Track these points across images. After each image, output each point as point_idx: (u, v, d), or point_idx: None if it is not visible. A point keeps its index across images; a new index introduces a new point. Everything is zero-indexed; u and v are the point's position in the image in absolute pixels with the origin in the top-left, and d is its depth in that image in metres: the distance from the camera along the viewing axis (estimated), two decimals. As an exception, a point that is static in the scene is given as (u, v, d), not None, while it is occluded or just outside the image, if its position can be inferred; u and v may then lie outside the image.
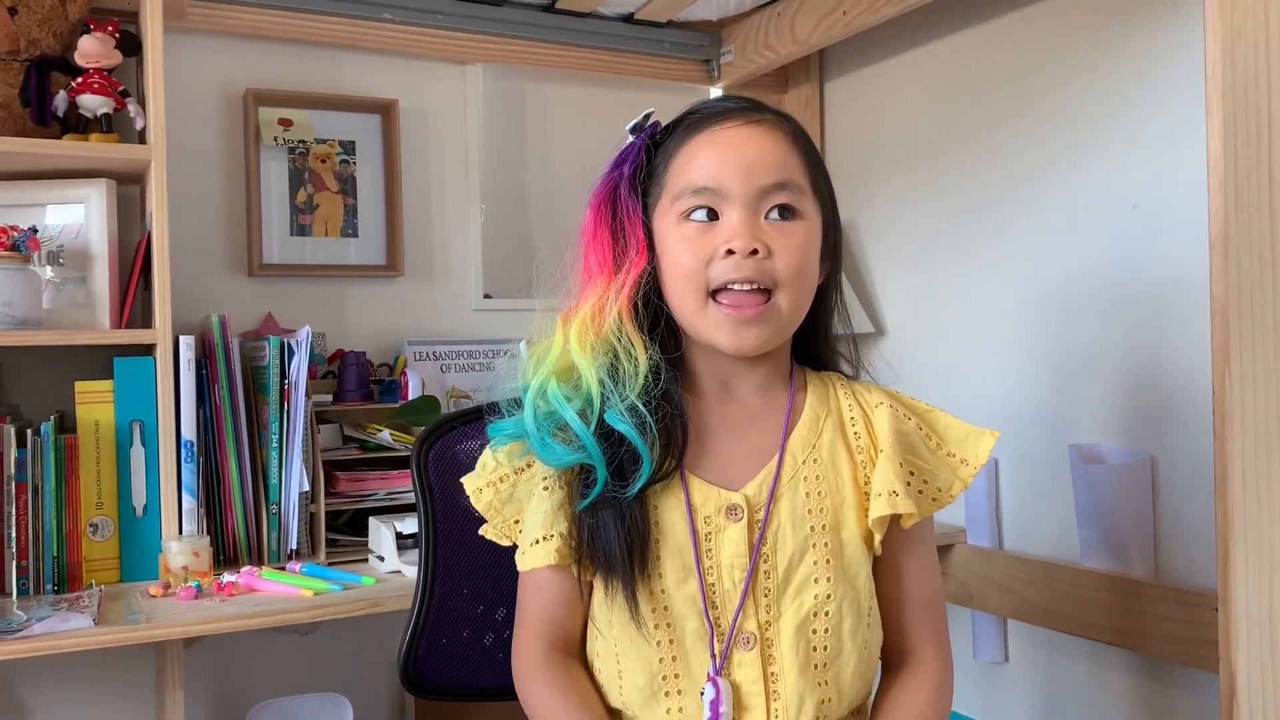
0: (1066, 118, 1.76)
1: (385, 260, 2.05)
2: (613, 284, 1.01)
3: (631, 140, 1.07)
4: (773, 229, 1.00)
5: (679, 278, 1.01)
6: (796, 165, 1.02)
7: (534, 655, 1.04)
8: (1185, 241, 1.57)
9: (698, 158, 1.01)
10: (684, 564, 1.00)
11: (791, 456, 1.03)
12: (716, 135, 1.01)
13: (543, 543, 1.01)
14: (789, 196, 1.00)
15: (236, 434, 1.71)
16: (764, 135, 1.01)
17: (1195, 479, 1.58)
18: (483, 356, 2.09)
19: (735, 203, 0.99)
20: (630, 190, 1.04)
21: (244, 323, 1.92)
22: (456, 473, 1.19)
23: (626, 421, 0.97)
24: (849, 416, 1.07)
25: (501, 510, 1.05)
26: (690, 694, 0.99)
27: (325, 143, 2.00)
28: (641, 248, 1.02)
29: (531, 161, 2.22)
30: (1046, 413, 1.80)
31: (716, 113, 1.03)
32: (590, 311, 1.01)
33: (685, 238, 1.01)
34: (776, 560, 1.00)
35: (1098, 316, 1.72)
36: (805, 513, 1.01)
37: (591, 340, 1.00)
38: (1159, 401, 1.64)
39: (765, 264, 0.99)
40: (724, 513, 1.01)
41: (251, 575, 1.57)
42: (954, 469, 1.06)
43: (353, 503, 1.80)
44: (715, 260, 0.99)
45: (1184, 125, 1.57)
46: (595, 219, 1.04)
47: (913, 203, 2.06)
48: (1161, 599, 1.58)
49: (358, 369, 1.89)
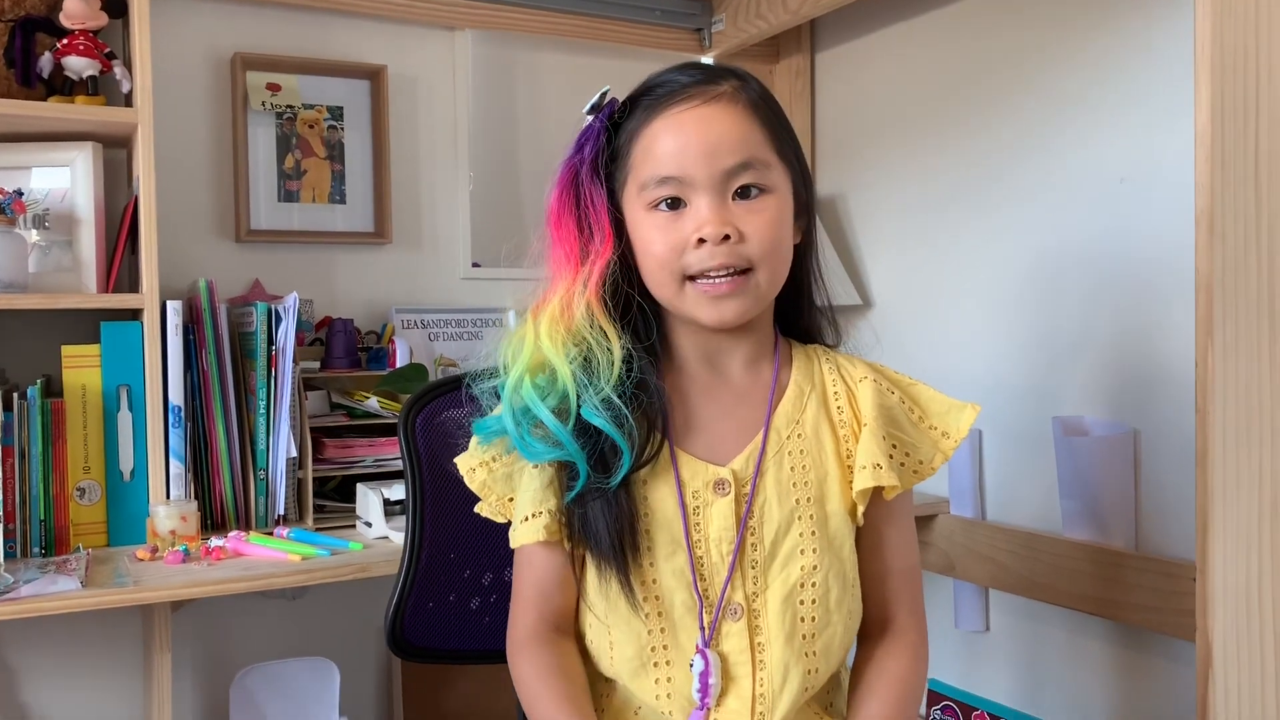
0: (1056, 91, 1.76)
1: (373, 227, 2.04)
2: (580, 274, 1.00)
3: (590, 121, 1.05)
4: (741, 209, 0.99)
5: (653, 266, 1.01)
6: (759, 138, 1.01)
7: (523, 629, 1.05)
8: (1173, 216, 1.57)
9: (659, 143, 1.00)
10: (673, 538, 1.01)
11: (776, 432, 1.04)
12: (675, 118, 0.99)
13: (532, 519, 1.02)
14: (754, 175, 0.99)
15: (224, 400, 1.71)
16: (723, 113, 0.99)
17: (1176, 452, 1.59)
18: (471, 325, 2.09)
19: (701, 189, 0.99)
20: (592, 175, 1.02)
21: (231, 289, 1.92)
22: (444, 438, 1.20)
23: (603, 416, 0.97)
24: (833, 391, 1.08)
25: (495, 489, 1.06)
26: (678, 664, 1.00)
27: (313, 108, 1.99)
28: (607, 236, 1.01)
29: (521, 129, 2.21)
30: (1031, 385, 1.81)
31: (674, 91, 1.01)
32: (559, 305, 1.01)
33: (656, 226, 1.00)
34: (763, 533, 1.01)
35: (1084, 290, 1.73)
36: (790, 486, 1.03)
37: (562, 334, 1.00)
38: (1142, 375, 1.65)
39: (738, 247, 0.99)
40: (712, 487, 1.02)
41: (239, 540, 1.58)
42: (935, 442, 1.07)
43: (340, 469, 1.81)
44: (688, 249, 0.99)
45: (1173, 100, 1.57)
46: (559, 205, 1.03)
47: (902, 175, 2.07)
48: (1141, 569, 1.60)
49: (345, 336, 1.89)
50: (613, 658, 1.03)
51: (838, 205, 2.20)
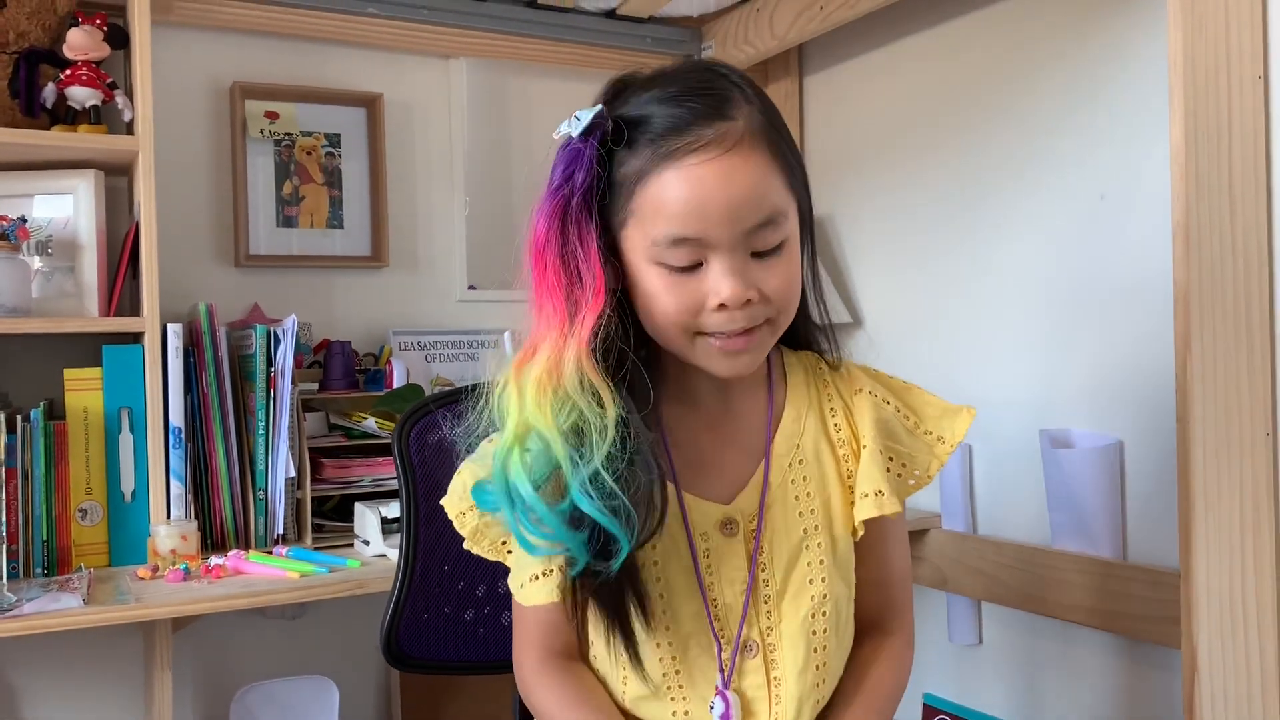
0: (1038, 110, 1.80)
1: (370, 251, 2.08)
2: (569, 330, 0.90)
3: (578, 146, 0.92)
4: (759, 267, 0.92)
5: (662, 322, 0.94)
6: (778, 183, 0.93)
7: (533, 662, 1.03)
8: (1152, 231, 1.60)
9: (673, 198, 0.89)
10: (687, 584, 0.99)
11: (778, 460, 1.02)
12: (692, 174, 0.89)
13: (543, 579, 0.97)
14: (775, 232, 0.92)
15: (224, 421, 1.74)
16: (743, 163, 0.90)
17: (1161, 462, 1.61)
18: (467, 346, 2.12)
19: (721, 250, 0.91)
20: (583, 209, 0.91)
21: (231, 313, 1.94)
22: (438, 453, 1.22)
23: (595, 504, 0.88)
24: (829, 408, 1.06)
25: (488, 533, 1.03)
26: (694, 699, 0.99)
27: (311, 135, 2.03)
28: (599, 285, 0.90)
29: (515, 154, 2.24)
30: (1020, 399, 1.84)
31: (685, 137, 0.90)
32: (546, 366, 0.91)
33: (668, 287, 0.92)
34: (774, 569, 1.00)
35: (1068, 304, 1.76)
36: (796, 516, 1.01)
37: (550, 398, 0.90)
38: (1127, 387, 1.68)
39: (759, 308, 0.93)
40: (719, 528, 1.00)
41: (239, 558, 1.60)
42: (931, 448, 1.06)
43: (338, 489, 1.83)
44: (705, 311, 0.92)
45: (1151, 118, 1.61)
46: (544, 243, 0.91)
47: (890, 195, 2.10)
48: (1131, 579, 1.62)
49: (343, 358, 1.92)
50: (624, 692, 1.01)
51: (827, 225, 2.24)
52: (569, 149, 0.93)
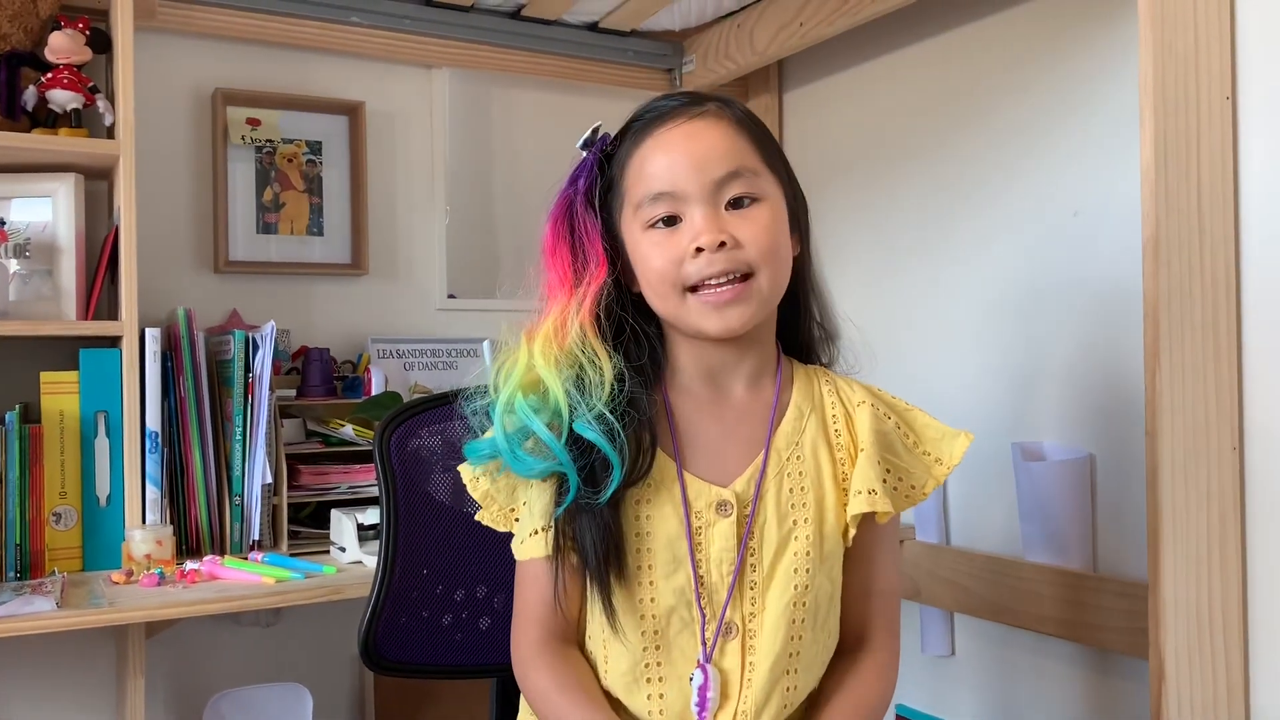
0: (1013, 127, 1.83)
1: (350, 259, 2.08)
2: (574, 298, 1.03)
3: (584, 155, 1.08)
4: (735, 218, 1.01)
5: (654, 280, 1.03)
6: (746, 148, 1.03)
7: (532, 642, 1.05)
8: (1123, 247, 1.63)
9: (649, 163, 1.03)
10: (675, 556, 1.02)
11: (776, 453, 1.06)
12: (663, 137, 1.03)
13: (541, 533, 1.03)
14: (744, 184, 1.02)
15: (201, 426, 1.73)
16: (708, 127, 1.03)
17: (1131, 475, 1.64)
18: (445, 355, 2.12)
19: (694, 201, 1.01)
20: (586, 205, 1.05)
21: (209, 318, 1.94)
22: (418, 457, 1.23)
23: (595, 430, 0.99)
24: (831, 414, 1.09)
25: (498, 499, 1.06)
26: (670, 681, 1.02)
27: (292, 142, 2.03)
28: (601, 261, 1.03)
29: (496, 164, 2.26)
30: (993, 412, 1.86)
31: (659, 114, 1.04)
32: (553, 326, 1.03)
33: (654, 243, 1.03)
34: (762, 554, 1.03)
35: (1041, 319, 1.78)
36: (789, 507, 1.04)
37: (555, 354, 1.02)
38: (1098, 400, 1.70)
39: (736, 253, 1.00)
40: (714, 508, 1.03)
41: (214, 563, 1.60)
42: (928, 468, 1.09)
43: (315, 495, 1.83)
44: (687, 259, 1.01)
45: (1123, 137, 1.64)
46: (553, 236, 1.05)
47: (867, 208, 2.13)
48: (1101, 590, 1.64)
49: (321, 365, 1.92)
50: (607, 671, 1.04)
51: (805, 239, 2.25)
52: (577, 159, 1.08)
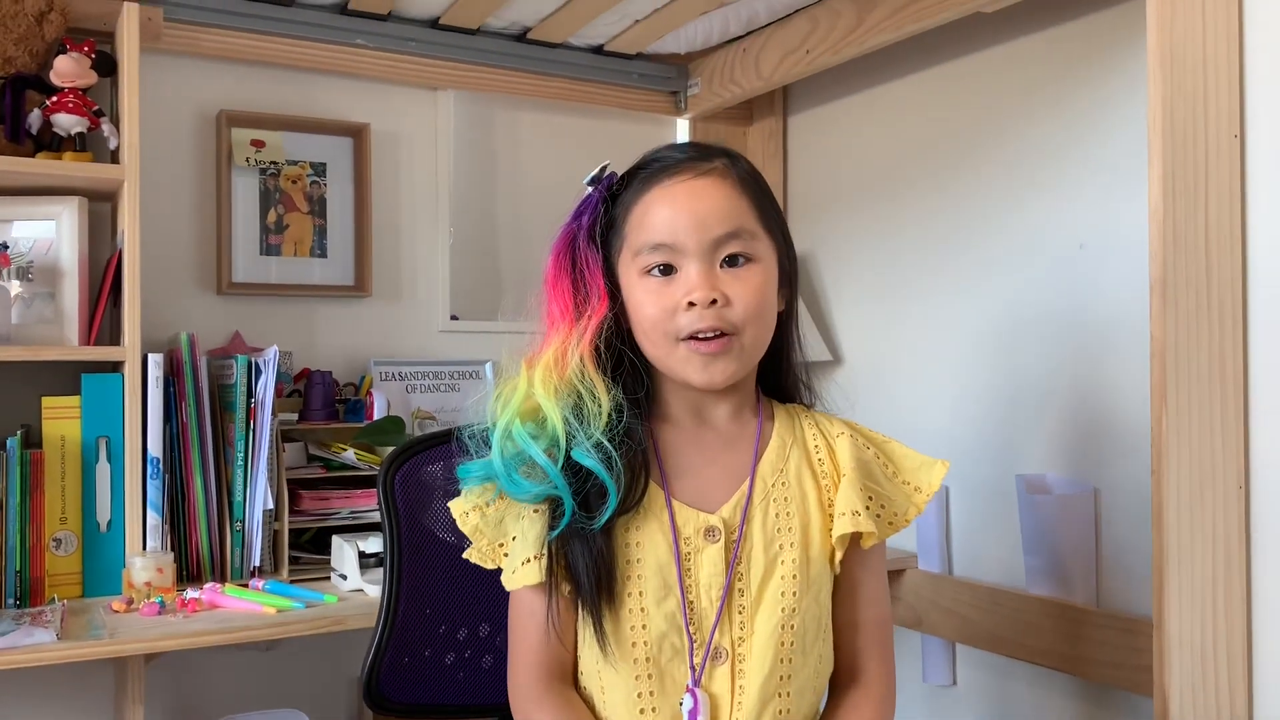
0: (1020, 158, 1.83)
1: (353, 281, 2.07)
2: (574, 330, 1.07)
3: (589, 192, 1.11)
4: (728, 276, 1.06)
5: (646, 326, 1.07)
6: (746, 210, 1.07)
7: (532, 685, 1.07)
8: (1130, 281, 1.63)
9: (652, 214, 1.07)
10: (665, 582, 1.04)
11: (761, 480, 1.09)
12: (669, 190, 1.07)
13: (534, 561, 1.05)
14: (741, 245, 1.06)
15: (202, 451, 1.73)
16: (713, 187, 1.06)
17: (1135, 510, 1.64)
18: (448, 378, 2.12)
19: (691, 255, 1.05)
20: (589, 241, 1.09)
21: (212, 341, 1.94)
22: (423, 494, 1.23)
23: (592, 457, 1.02)
24: (813, 445, 1.13)
25: (489, 533, 1.08)
26: (664, 710, 1.03)
27: (297, 164, 2.03)
28: (602, 296, 1.07)
29: (500, 187, 2.25)
30: (996, 443, 1.86)
31: (666, 166, 1.08)
32: (553, 356, 1.06)
33: (649, 291, 1.07)
34: (750, 579, 1.05)
35: (1046, 351, 1.78)
36: (775, 531, 1.07)
37: (555, 383, 1.05)
38: (1102, 434, 1.70)
39: (725, 311, 1.05)
40: (702, 534, 1.06)
41: (215, 592, 1.59)
42: (908, 496, 1.13)
43: (316, 521, 1.82)
44: (679, 311, 1.05)
45: (1130, 171, 1.64)
46: (556, 268, 1.09)
47: (871, 235, 2.12)
48: (1103, 625, 1.63)
49: (323, 388, 1.91)
50: (604, 702, 1.05)
51: (808, 263, 2.25)
52: (583, 195, 1.12)
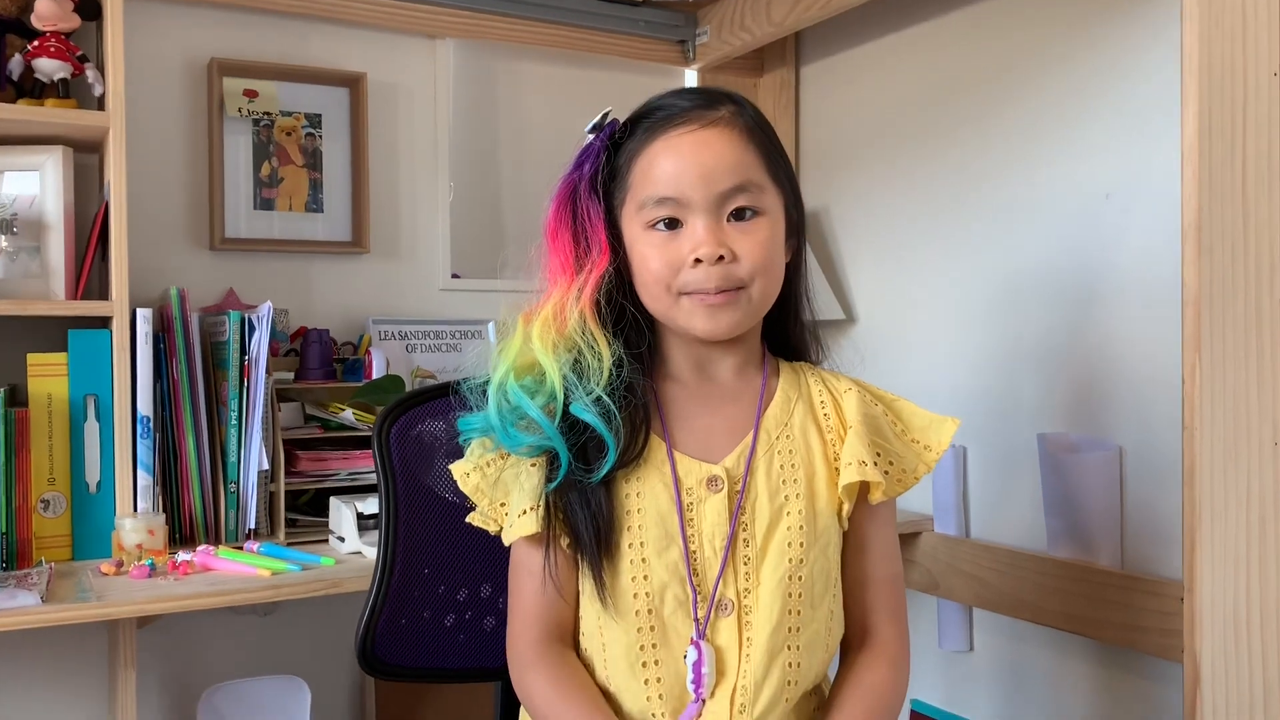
0: (1043, 105, 1.75)
1: (351, 237, 2.01)
2: (574, 284, 1.03)
3: (590, 140, 1.07)
4: (735, 230, 1.02)
5: (649, 280, 1.04)
6: (753, 161, 1.03)
7: (529, 643, 1.04)
8: (1159, 232, 1.56)
9: (657, 165, 1.03)
10: (667, 532, 1.01)
11: (766, 432, 1.06)
12: (674, 141, 1.02)
13: (530, 512, 1.02)
14: (748, 198, 1.02)
15: (194, 410, 1.67)
16: (719, 137, 1.02)
17: (1162, 470, 1.58)
18: (449, 337, 2.06)
19: (697, 210, 1.01)
20: (590, 191, 1.05)
21: (205, 298, 1.88)
22: (419, 450, 1.17)
23: (591, 411, 0.99)
24: (819, 400, 1.10)
25: (489, 493, 1.05)
26: (667, 664, 1.00)
27: (291, 115, 1.96)
28: (604, 249, 1.04)
29: (502, 139, 2.19)
30: (1016, 400, 1.80)
31: (672, 115, 1.04)
32: (552, 310, 1.03)
33: (653, 245, 1.03)
34: (755, 529, 1.03)
35: (1069, 306, 1.72)
36: (780, 483, 1.04)
37: (554, 338, 1.02)
38: (1128, 391, 1.64)
39: (731, 267, 1.01)
40: (705, 484, 1.03)
41: (207, 554, 1.54)
42: (918, 454, 1.10)
43: (313, 482, 1.77)
44: (684, 268, 1.01)
45: (1160, 116, 1.57)
46: (556, 220, 1.05)
47: (887, 190, 2.05)
48: (1128, 589, 1.58)
49: (320, 347, 1.85)
50: (605, 659, 1.03)
51: (821, 218, 2.19)
52: (584, 144, 1.07)
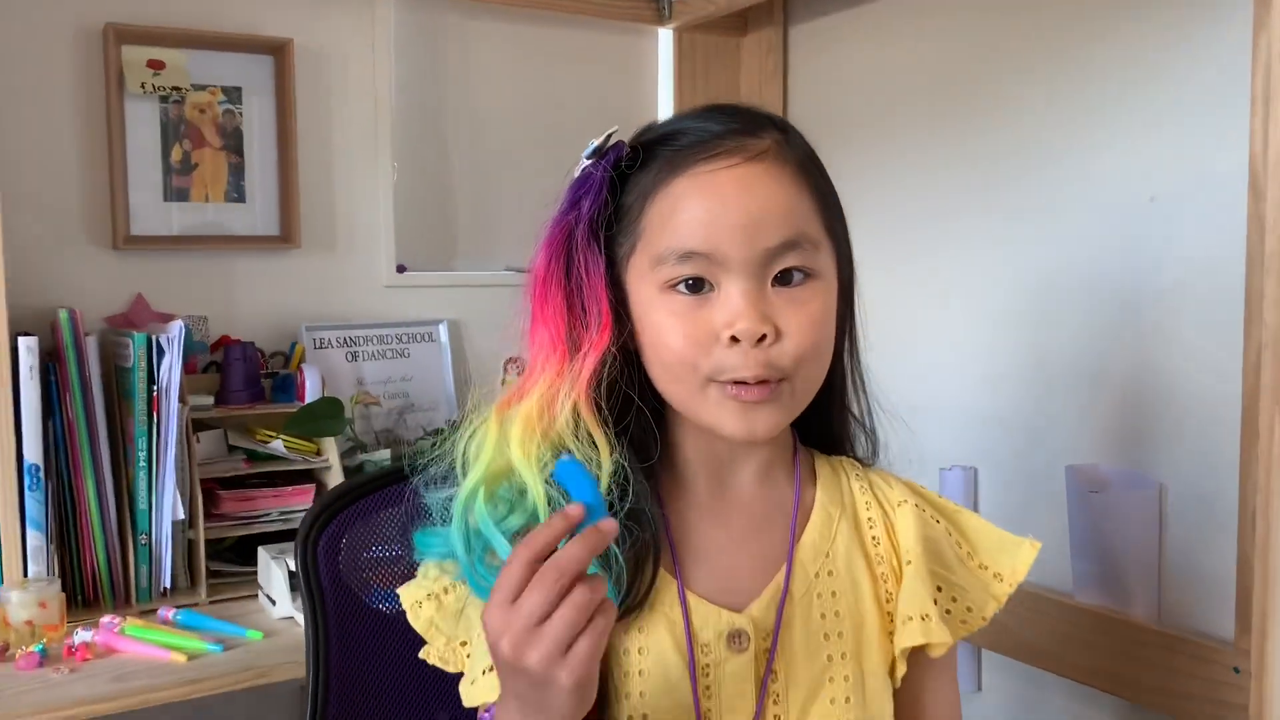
0: (1077, 88, 1.54)
1: (279, 230, 1.80)
2: (567, 369, 0.81)
3: (588, 169, 0.84)
4: (782, 300, 0.80)
5: (668, 360, 0.82)
6: (808, 210, 0.82)
7: None
8: (1211, 243, 1.37)
9: (683, 209, 0.80)
10: (676, 703, 0.81)
11: (802, 567, 0.85)
12: (706, 179, 0.80)
13: (492, 672, 0.79)
14: (801, 257, 0.81)
15: (94, 452, 1.45)
16: (766, 176, 0.80)
17: (1210, 514, 1.40)
18: (396, 341, 1.84)
19: (735, 271, 0.79)
20: (589, 239, 0.82)
21: (107, 307, 1.65)
22: (356, 563, 0.94)
23: None
24: (866, 517, 0.88)
25: (447, 630, 0.84)
26: None
27: (205, 89, 1.73)
28: (605, 320, 0.81)
29: (451, 110, 1.97)
30: (1038, 425, 1.61)
31: (703, 142, 0.81)
32: (538, 404, 0.80)
33: (674, 313, 0.81)
34: (788, 701, 0.82)
35: (1103, 321, 1.52)
36: (821, 639, 0.84)
37: (538, 440, 0.79)
38: (1168, 422, 1.46)
39: (774, 351, 0.80)
40: (726, 640, 0.82)
41: (111, 632, 1.32)
42: (986, 584, 0.89)
43: (240, 526, 1.56)
44: (716, 346, 0.80)
45: (1221, 109, 1.36)
46: (545, 275, 0.83)
47: (887, 173, 1.84)
48: (1168, 648, 1.41)
49: (245, 364, 1.62)
50: None
51: (813, 204, 1.97)
52: (580, 174, 0.85)
